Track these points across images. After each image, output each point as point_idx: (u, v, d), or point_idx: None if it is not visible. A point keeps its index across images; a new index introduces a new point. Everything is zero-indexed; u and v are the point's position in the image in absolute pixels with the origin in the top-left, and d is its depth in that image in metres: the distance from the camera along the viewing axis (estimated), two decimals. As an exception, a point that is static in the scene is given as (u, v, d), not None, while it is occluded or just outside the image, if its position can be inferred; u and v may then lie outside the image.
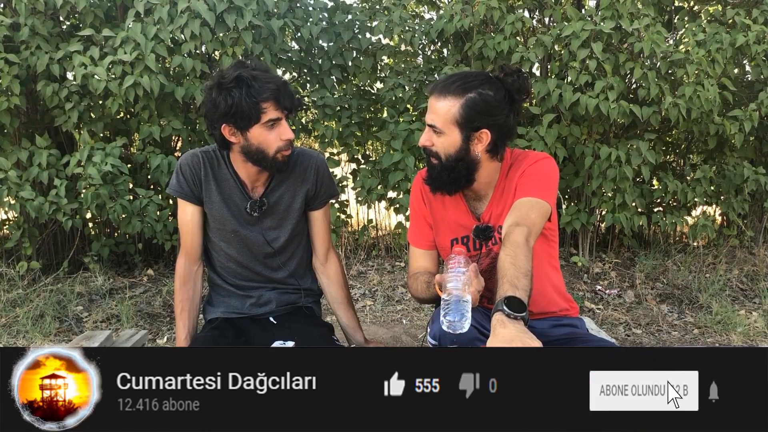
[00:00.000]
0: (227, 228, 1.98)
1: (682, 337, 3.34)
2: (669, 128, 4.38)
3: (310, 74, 4.09)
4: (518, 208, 1.69)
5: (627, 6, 3.59)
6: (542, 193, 1.72)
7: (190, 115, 3.84)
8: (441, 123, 1.71)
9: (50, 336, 3.20)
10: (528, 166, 1.78)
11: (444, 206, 1.91)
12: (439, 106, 1.71)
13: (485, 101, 1.69)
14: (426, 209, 1.94)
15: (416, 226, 1.98)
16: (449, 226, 1.91)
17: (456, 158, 1.73)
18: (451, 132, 1.71)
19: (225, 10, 3.40)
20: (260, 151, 1.83)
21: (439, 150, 1.74)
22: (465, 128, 1.70)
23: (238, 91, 1.74)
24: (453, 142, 1.72)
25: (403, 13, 3.89)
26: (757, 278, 4.16)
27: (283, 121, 1.81)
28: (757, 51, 3.72)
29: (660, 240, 4.68)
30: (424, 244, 1.97)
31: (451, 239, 1.91)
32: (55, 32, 3.62)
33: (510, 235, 1.59)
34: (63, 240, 4.16)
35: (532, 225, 1.64)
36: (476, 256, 1.89)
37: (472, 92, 1.68)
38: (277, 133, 1.80)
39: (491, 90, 1.70)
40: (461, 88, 1.69)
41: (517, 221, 1.63)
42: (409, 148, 3.85)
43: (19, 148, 3.63)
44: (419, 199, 1.95)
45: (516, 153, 1.87)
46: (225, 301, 2.08)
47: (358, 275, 4.19)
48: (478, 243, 1.87)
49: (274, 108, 1.77)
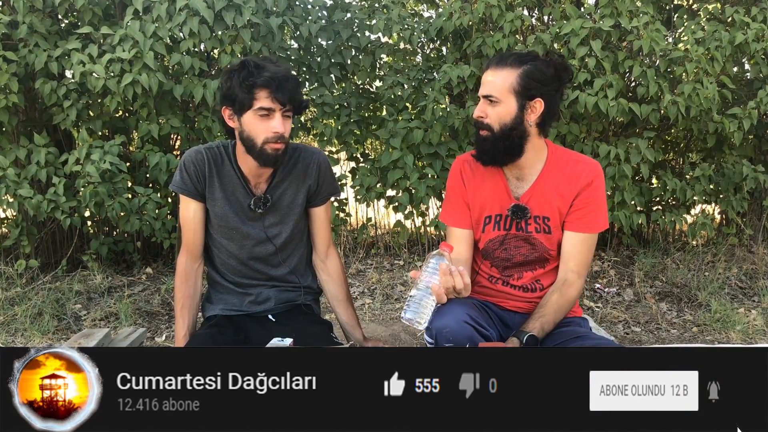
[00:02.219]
0: (229, 225, 1.98)
1: (681, 336, 3.34)
2: (668, 126, 4.37)
3: (308, 72, 4.08)
4: (581, 251, 1.88)
5: (626, 4, 3.59)
6: (600, 224, 1.89)
7: (189, 113, 3.84)
8: (498, 92, 1.79)
9: (48, 334, 3.20)
10: (589, 185, 1.87)
11: (483, 184, 1.95)
12: (496, 77, 1.80)
13: (541, 71, 1.80)
14: (464, 189, 1.98)
15: (452, 206, 2.01)
16: (486, 204, 1.95)
17: (511, 126, 1.81)
18: (508, 100, 1.80)
19: (224, 7, 3.38)
20: (250, 140, 1.84)
21: (493, 121, 1.81)
22: (521, 96, 1.80)
23: (238, 75, 1.78)
24: (509, 111, 1.80)
25: (402, 12, 3.89)
26: (756, 276, 4.16)
27: (277, 114, 1.80)
28: (756, 49, 3.71)
29: (659, 238, 4.69)
30: (461, 222, 1.99)
31: (485, 216, 1.95)
32: (54, 30, 3.61)
33: (570, 287, 1.85)
34: (61, 238, 4.16)
35: (588, 270, 1.95)
36: (504, 235, 1.92)
37: (528, 64, 1.79)
38: (267, 124, 1.80)
39: (543, 65, 1.81)
40: (517, 60, 1.80)
41: (579, 271, 1.87)
42: (408, 147, 3.85)
43: (17, 146, 3.62)
44: (458, 179, 2.00)
45: (562, 150, 1.94)
46: (224, 299, 2.08)
47: (357, 273, 4.18)
48: (510, 222, 1.91)
49: (266, 96, 1.77)
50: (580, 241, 1.87)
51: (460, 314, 1.67)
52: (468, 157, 1.99)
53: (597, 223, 1.88)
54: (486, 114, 1.82)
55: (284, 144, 1.85)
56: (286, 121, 1.83)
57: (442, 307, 1.70)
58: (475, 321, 1.69)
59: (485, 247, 1.97)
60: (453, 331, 1.65)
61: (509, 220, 1.92)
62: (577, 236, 1.87)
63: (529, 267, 1.95)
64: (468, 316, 1.68)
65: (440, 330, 1.67)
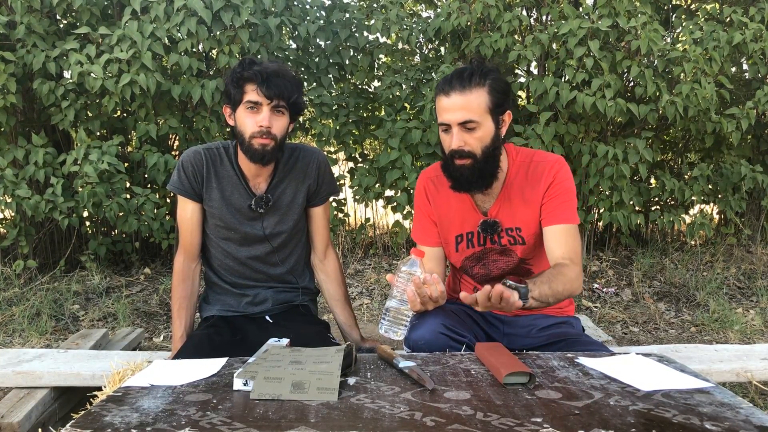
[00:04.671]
0: (227, 225, 1.98)
1: (679, 336, 3.34)
2: (666, 126, 4.38)
3: (307, 72, 4.09)
4: (565, 241, 1.76)
5: (624, 4, 3.59)
6: (574, 215, 1.78)
7: (187, 114, 3.84)
8: (477, 115, 1.69)
9: (46, 335, 3.19)
10: (553, 179, 1.79)
11: (449, 203, 1.91)
12: (469, 100, 1.68)
13: (500, 80, 1.73)
14: (430, 207, 1.94)
15: (420, 224, 1.98)
16: (454, 223, 1.91)
17: (492, 147, 1.74)
18: (486, 121, 1.71)
19: (222, 8, 3.39)
20: (240, 135, 1.86)
21: (475, 147, 1.71)
22: (495, 113, 1.72)
23: (233, 71, 1.84)
24: (489, 132, 1.72)
25: (401, 12, 3.89)
26: (755, 276, 4.16)
27: (264, 108, 1.81)
28: (754, 49, 3.72)
29: (657, 238, 4.69)
30: (429, 241, 1.97)
31: (455, 235, 1.92)
32: (52, 30, 3.61)
33: (564, 267, 1.68)
34: (60, 238, 4.15)
35: (581, 260, 1.76)
36: (480, 252, 1.89)
37: (489, 78, 1.70)
38: (254, 119, 1.82)
39: (497, 73, 1.74)
40: (479, 76, 1.69)
41: (571, 258, 1.72)
42: (406, 147, 3.85)
43: (15, 147, 3.62)
44: (423, 197, 1.96)
45: (524, 152, 1.87)
46: (221, 300, 2.08)
47: (356, 274, 4.18)
48: (482, 238, 1.88)
49: (253, 90, 1.80)
50: (560, 232, 1.76)
51: (434, 325, 1.67)
52: (431, 173, 1.95)
53: (571, 213, 1.78)
54: (466, 142, 1.70)
55: (272, 140, 1.84)
56: (275, 117, 1.83)
57: (419, 318, 1.70)
58: (450, 329, 1.68)
59: (463, 265, 1.95)
60: (429, 343, 1.65)
61: (481, 237, 1.88)
62: (555, 228, 1.77)
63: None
64: (442, 326, 1.67)
65: (416, 342, 1.68)
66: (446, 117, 1.71)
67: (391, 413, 1.15)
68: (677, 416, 1.12)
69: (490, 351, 1.45)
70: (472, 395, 1.24)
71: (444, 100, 1.70)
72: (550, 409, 1.16)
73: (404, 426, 1.09)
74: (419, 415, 1.14)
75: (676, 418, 1.11)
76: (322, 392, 1.24)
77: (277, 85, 1.79)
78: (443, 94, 1.70)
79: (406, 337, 1.69)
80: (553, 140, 3.79)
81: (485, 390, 1.27)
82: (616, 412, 1.14)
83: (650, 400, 1.20)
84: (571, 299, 2.00)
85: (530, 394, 1.25)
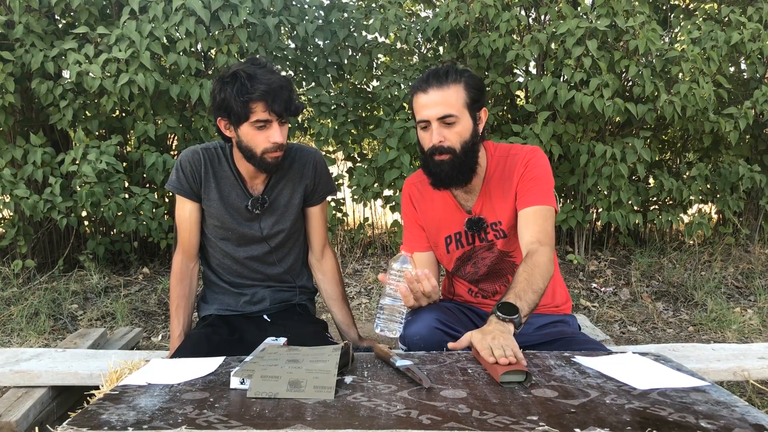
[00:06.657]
0: (225, 225, 1.98)
1: (677, 335, 3.35)
2: (664, 126, 4.38)
3: (305, 72, 4.09)
4: (534, 221, 1.75)
5: (622, 3, 3.59)
6: (547, 197, 1.77)
7: (186, 113, 3.83)
8: (456, 109, 1.72)
9: (45, 334, 3.19)
10: (525, 167, 1.81)
11: (434, 206, 1.94)
12: (446, 95, 1.72)
13: (476, 79, 1.77)
14: (416, 213, 1.98)
15: (409, 232, 2.02)
16: (441, 225, 1.94)
17: (471, 142, 1.77)
18: (464, 116, 1.75)
19: (220, 7, 3.39)
20: (249, 150, 1.84)
21: (454, 142, 1.74)
22: (472, 109, 1.77)
23: (231, 87, 1.76)
24: (467, 127, 1.76)
25: (399, 11, 3.89)
26: (753, 276, 4.16)
27: (274, 124, 1.80)
28: (752, 49, 3.72)
29: (656, 238, 4.69)
30: (419, 246, 2.00)
31: (444, 237, 1.94)
32: (50, 30, 3.61)
33: (534, 254, 1.65)
34: (58, 238, 4.15)
35: (552, 240, 1.73)
36: (469, 251, 1.90)
37: (464, 76, 1.75)
38: (265, 135, 1.80)
39: (472, 73, 1.80)
40: (454, 74, 1.74)
41: (539, 239, 1.70)
42: (404, 146, 3.85)
43: (13, 146, 3.62)
44: (409, 204, 2.00)
45: (502, 148, 1.90)
46: (219, 299, 2.08)
47: (354, 273, 4.18)
48: (471, 236, 1.90)
49: (263, 110, 1.76)
50: (531, 213, 1.76)
51: (429, 320, 1.68)
52: (414, 179, 1.98)
53: (544, 195, 1.77)
54: (445, 137, 1.73)
55: (283, 151, 1.86)
56: (283, 129, 1.83)
57: (414, 314, 1.72)
58: (444, 325, 1.69)
59: (455, 266, 1.98)
60: (424, 338, 1.66)
61: (469, 235, 1.90)
62: (526, 211, 1.77)
63: (497, 277, 1.94)
64: (437, 321, 1.68)
65: (411, 338, 1.69)
66: (425, 113, 1.74)
67: (387, 411, 1.15)
68: (673, 414, 1.12)
69: None
70: (469, 393, 1.24)
71: (422, 97, 1.74)
72: (546, 407, 1.17)
73: (400, 424, 1.09)
74: (415, 413, 1.14)
75: (672, 416, 1.12)
76: (319, 391, 1.24)
77: (284, 100, 1.77)
78: (421, 91, 1.75)
79: (402, 333, 1.70)
80: (552, 140, 3.79)
81: (482, 388, 1.27)
82: (612, 411, 1.14)
83: (646, 399, 1.21)
84: (568, 297, 2.01)
85: (526, 392, 1.25)
